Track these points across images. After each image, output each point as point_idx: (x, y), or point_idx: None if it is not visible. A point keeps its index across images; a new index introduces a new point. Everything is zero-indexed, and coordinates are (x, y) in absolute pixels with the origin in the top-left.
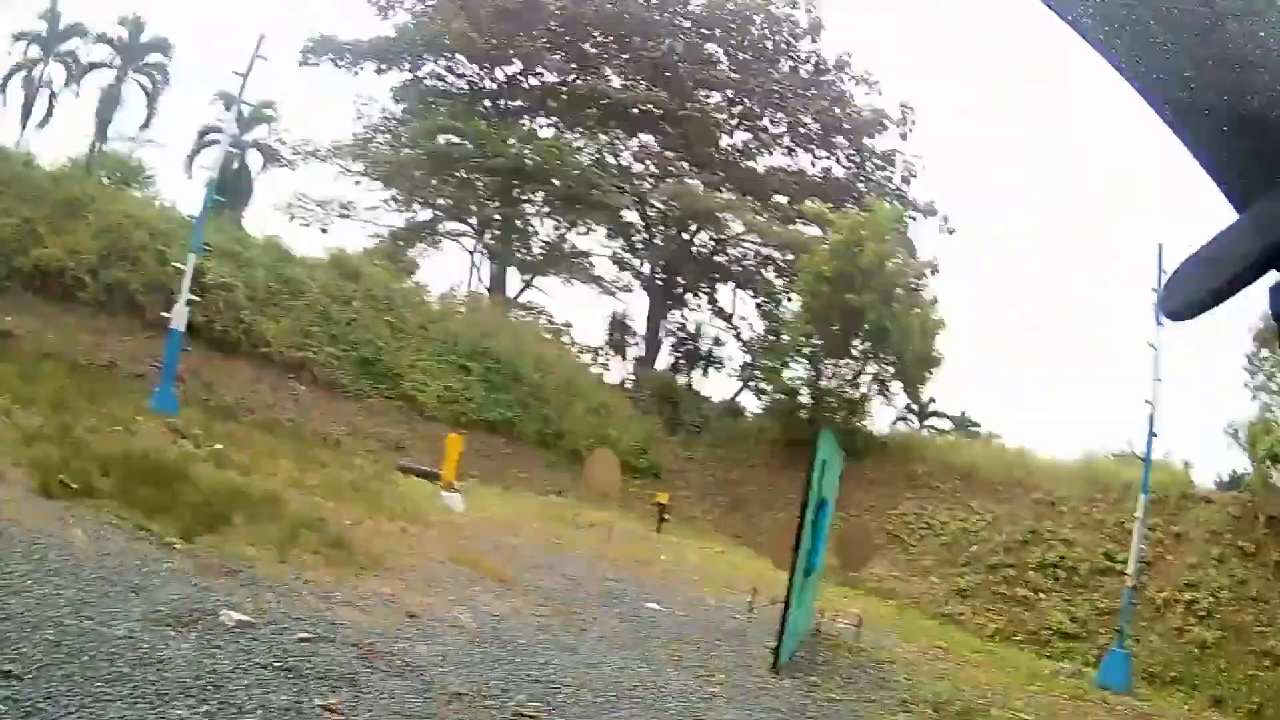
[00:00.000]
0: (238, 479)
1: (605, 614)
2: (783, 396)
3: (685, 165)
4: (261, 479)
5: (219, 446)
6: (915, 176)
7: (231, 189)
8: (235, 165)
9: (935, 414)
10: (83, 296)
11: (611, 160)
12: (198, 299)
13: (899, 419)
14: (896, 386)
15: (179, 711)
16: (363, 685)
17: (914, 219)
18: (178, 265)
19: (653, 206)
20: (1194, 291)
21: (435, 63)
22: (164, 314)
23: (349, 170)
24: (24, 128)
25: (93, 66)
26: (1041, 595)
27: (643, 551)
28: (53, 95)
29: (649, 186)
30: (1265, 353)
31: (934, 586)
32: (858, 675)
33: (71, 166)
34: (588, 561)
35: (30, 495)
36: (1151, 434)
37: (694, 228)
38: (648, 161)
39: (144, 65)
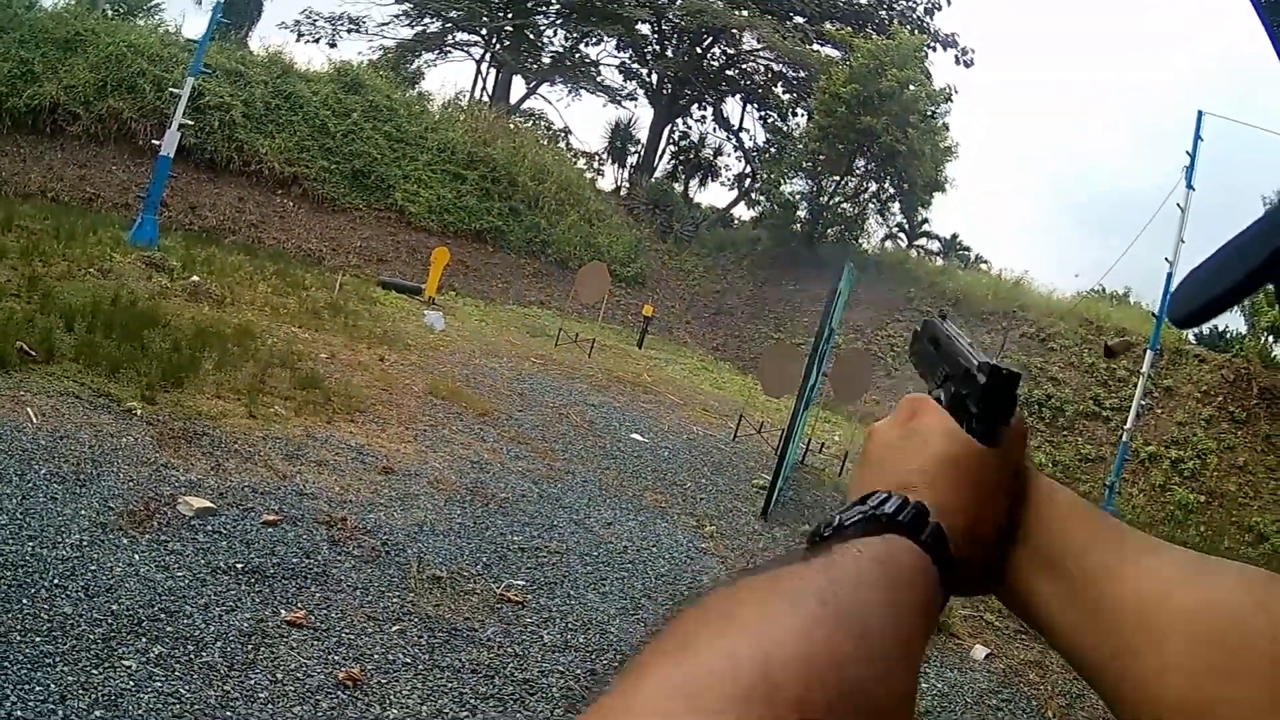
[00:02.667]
0: (210, 315)
1: (590, 450)
2: (779, 209)
3: None
4: (236, 311)
5: (195, 278)
6: (939, 9)
7: (239, 10)
8: None
9: (925, 234)
10: (72, 131)
11: None
12: (191, 123)
13: (887, 237)
14: (896, 207)
15: (127, 663)
16: (332, 582)
17: (933, 48)
18: (174, 90)
19: (668, 20)
20: (1200, 298)
21: None
22: (154, 141)
23: None
24: None
25: None
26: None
27: (625, 368)
28: None
29: (665, 1)
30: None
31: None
32: None
33: (75, 3)
34: (569, 384)
35: None
36: (1168, 291)
37: (708, 42)
38: None
39: None
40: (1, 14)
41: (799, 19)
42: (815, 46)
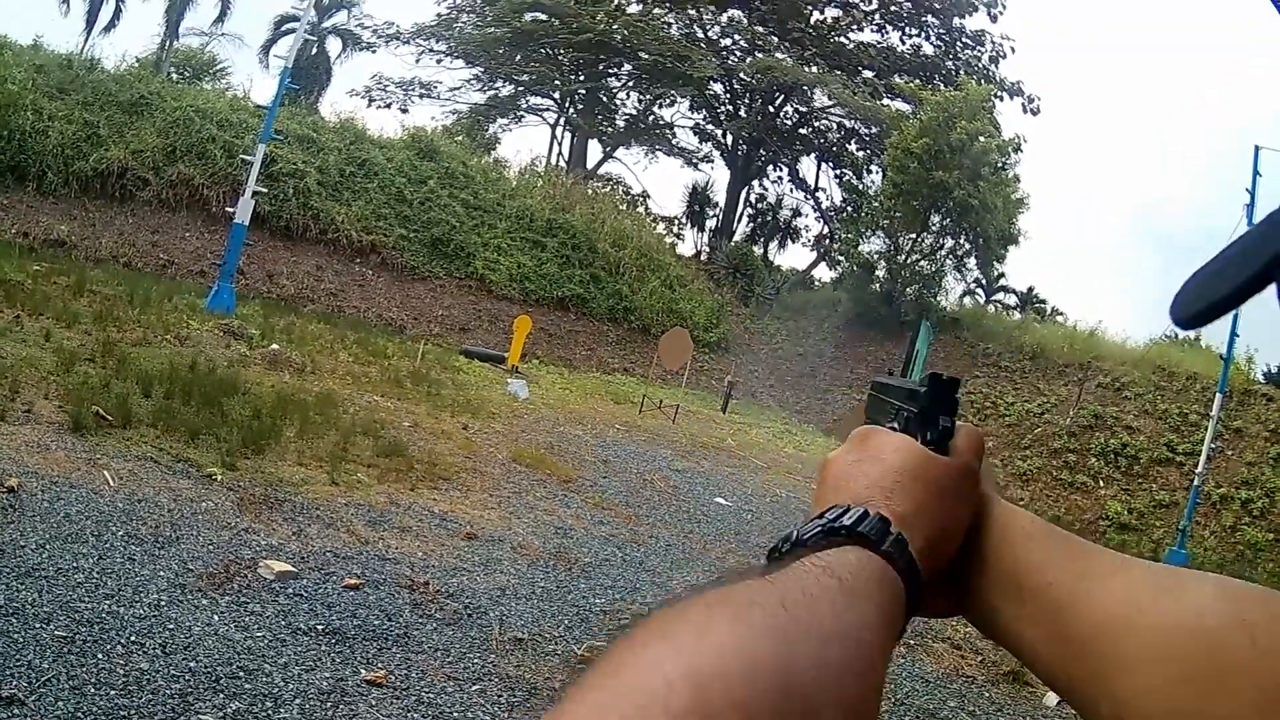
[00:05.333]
0: (291, 383)
1: (673, 515)
2: (858, 269)
3: (774, 39)
4: (318, 379)
5: (274, 346)
6: (1004, 57)
7: (308, 76)
8: (313, 52)
9: (1002, 288)
10: (143, 196)
11: (699, 34)
12: (265, 190)
13: (965, 293)
14: (972, 263)
15: (204, 717)
16: (413, 643)
17: (1000, 98)
18: (246, 157)
19: (739, 80)
20: (1203, 300)
21: None
22: (229, 208)
23: (432, 50)
24: (89, 35)
25: None
26: (1101, 483)
27: (709, 433)
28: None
29: (736, 60)
30: None
31: (997, 470)
32: None
33: (139, 66)
34: (654, 449)
35: (60, 433)
36: (1234, 334)
37: (779, 100)
38: (736, 36)
39: None
40: (62, 75)
41: (868, 73)
42: (885, 101)
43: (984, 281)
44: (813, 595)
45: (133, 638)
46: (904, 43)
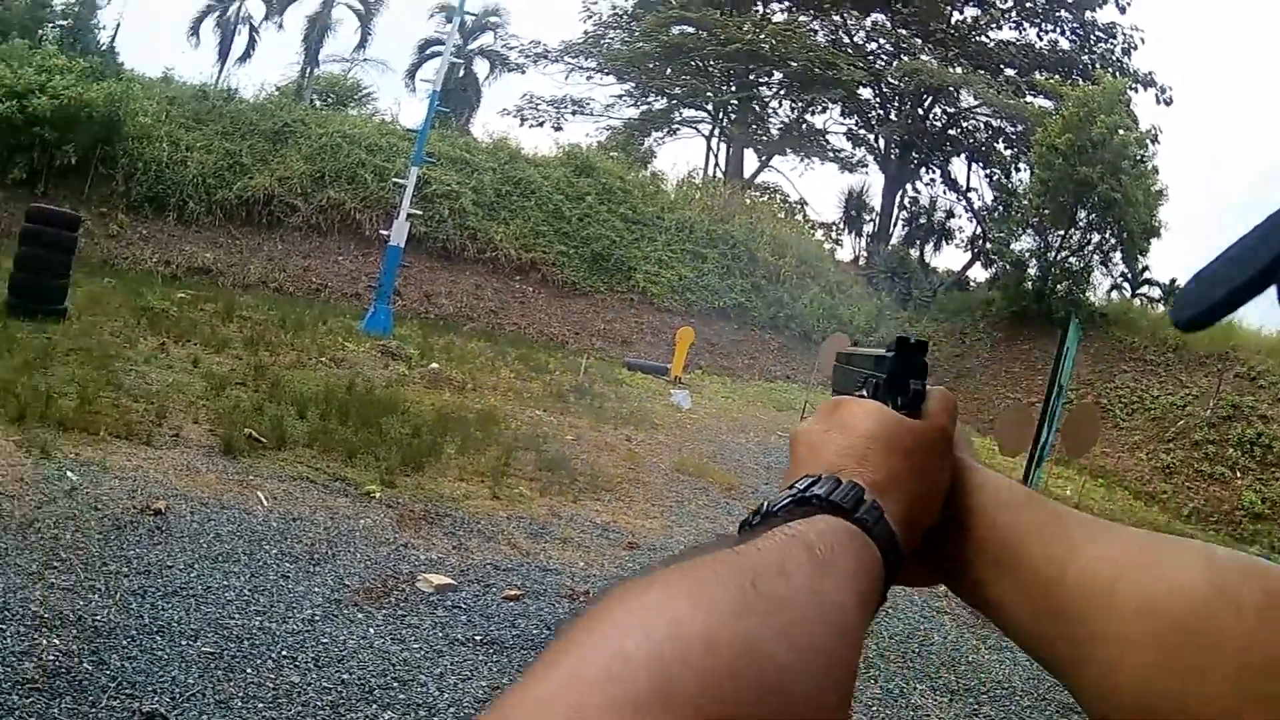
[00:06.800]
0: (451, 401)
1: None
2: (1011, 268)
3: (918, 42)
4: (479, 396)
5: (434, 365)
6: (1135, 48)
7: (457, 98)
8: (460, 74)
9: (1146, 281)
10: (292, 222)
11: (845, 40)
12: (420, 213)
13: (1113, 288)
14: (1117, 257)
15: None
16: None
17: (1135, 90)
18: (398, 180)
19: (887, 83)
20: (1205, 300)
21: None
22: (382, 231)
23: (582, 68)
24: (223, 66)
25: None
26: (1238, 474)
27: None
28: (253, 30)
29: (883, 64)
30: None
31: (1140, 463)
32: None
33: (279, 95)
34: None
35: (210, 456)
36: None
37: (928, 102)
38: (881, 40)
39: None
40: (197, 106)
41: (1009, 71)
42: (1028, 98)
43: (1129, 275)
44: (781, 567)
45: (284, 652)
46: (1041, 39)
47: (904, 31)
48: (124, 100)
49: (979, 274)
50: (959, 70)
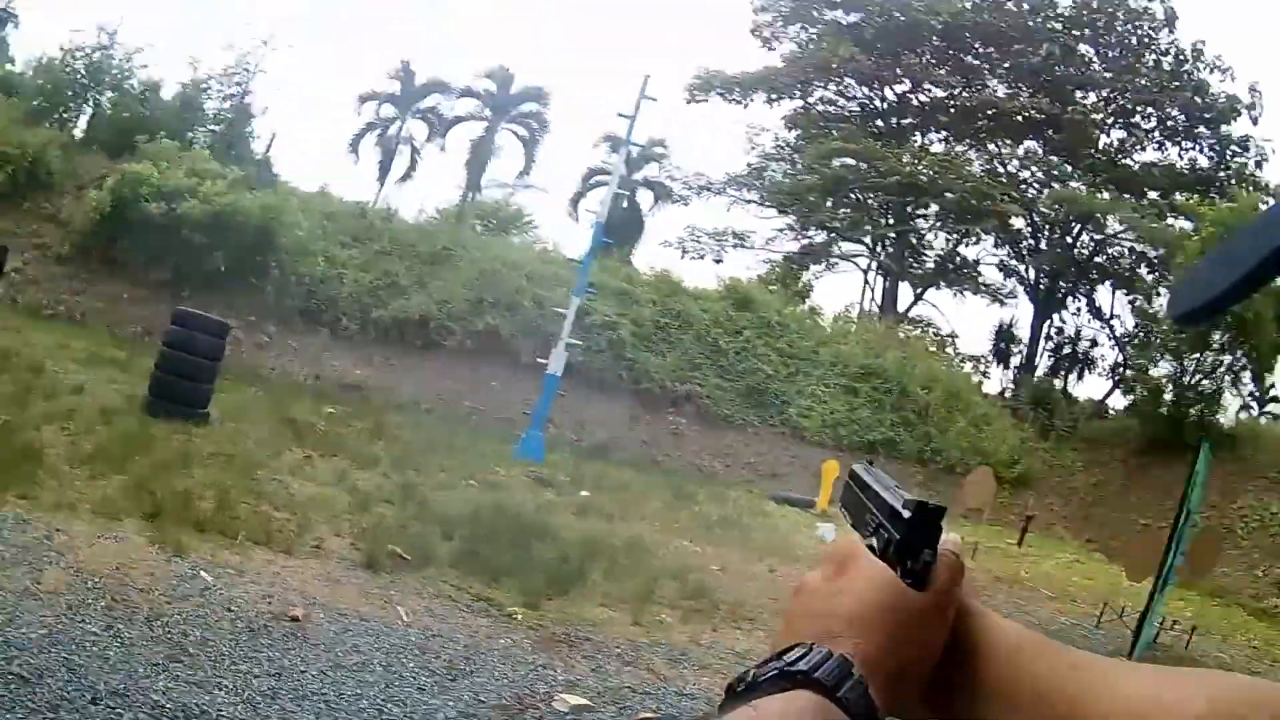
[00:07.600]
0: (600, 528)
1: None
2: (1147, 394)
3: (1068, 168)
4: (627, 525)
5: (584, 493)
6: (1267, 160)
7: (620, 228)
8: (624, 204)
9: (1274, 400)
10: (448, 345)
11: (999, 169)
12: (578, 343)
13: (1242, 408)
14: (1246, 377)
15: None
16: None
17: (1265, 203)
18: (559, 310)
19: (1039, 212)
20: (1200, 297)
21: (825, 88)
22: (539, 359)
23: (744, 200)
24: (382, 184)
25: (458, 120)
26: None
27: (1004, 568)
28: (415, 151)
29: (1034, 193)
30: None
31: (1257, 581)
32: None
33: (440, 217)
34: None
35: (352, 569)
36: None
37: (1076, 229)
38: (1033, 168)
39: (517, 115)
40: (355, 224)
41: (1153, 194)
42: (1169, 221)
43: (1257, 394)
44: None
45: None
46: (1181, 158)
47: (1054, 158)
48: (279, 212)
49: (1118, 401)
50: (1106, 196)
